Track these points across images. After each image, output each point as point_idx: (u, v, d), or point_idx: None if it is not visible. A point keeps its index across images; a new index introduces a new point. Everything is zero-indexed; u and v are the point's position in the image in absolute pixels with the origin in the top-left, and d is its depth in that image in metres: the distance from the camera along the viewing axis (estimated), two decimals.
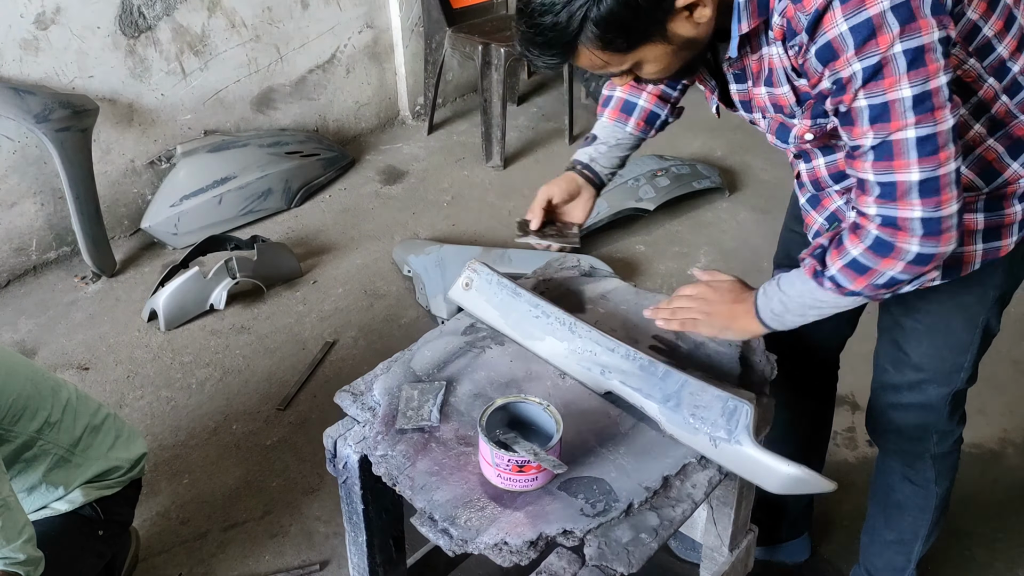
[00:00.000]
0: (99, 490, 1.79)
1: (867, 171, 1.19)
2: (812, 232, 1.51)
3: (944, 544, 2.15)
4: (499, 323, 1.63)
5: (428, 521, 1.30)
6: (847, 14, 1.09)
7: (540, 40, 1.19)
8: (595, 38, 1.17)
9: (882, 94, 1.12)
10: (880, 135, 1.15)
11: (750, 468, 1.37)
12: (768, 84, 1.30)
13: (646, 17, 1.15)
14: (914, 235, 1.19)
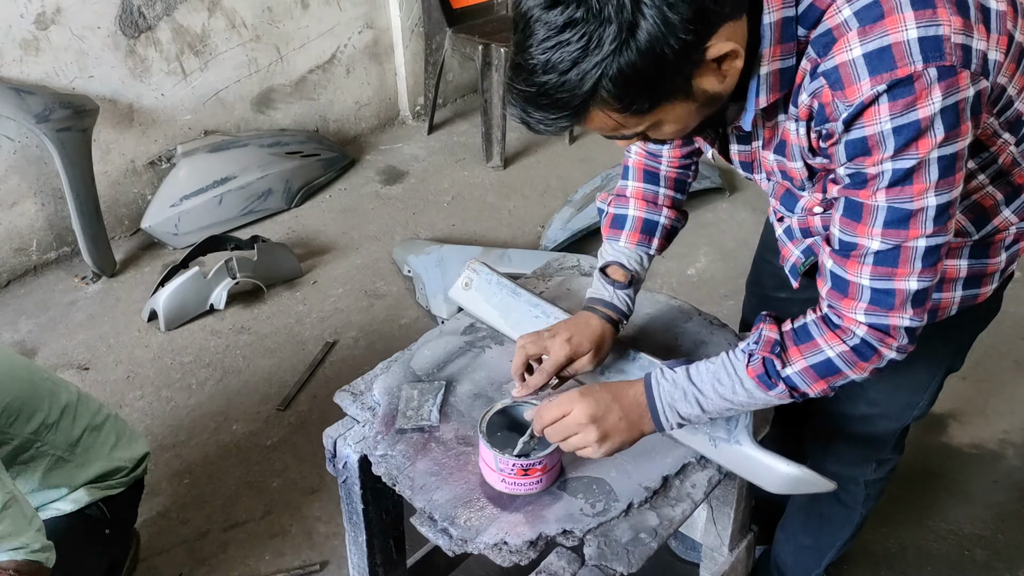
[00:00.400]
0: (103, 490, 1.79)
1: (861, 275, 1.09)
2: (789, 264, 1.40)
3: (944, 544, 2.16)
4: (499, 323, 1.63)
5: (428, 521, 1.30)
6: (894, 114, 0.98)
7: (544, 102, 1.00)
8: (612, 99, 0.98)
9: (909, 200, 1.03)
10: (890, 241, 1.06)
11: (749, 468, 1.37)
12: (779, 153, 1.19)
13: (672, 72, 0.98)
14: (896, 340, 1.13)
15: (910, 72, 0.96)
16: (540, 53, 0.96)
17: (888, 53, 0.96)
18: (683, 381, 1.23)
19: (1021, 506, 2.26)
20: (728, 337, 1.64)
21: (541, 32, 0.95)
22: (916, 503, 2.26)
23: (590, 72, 0.95)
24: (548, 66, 0.96)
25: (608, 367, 1.49)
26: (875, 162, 1.02)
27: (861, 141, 1.01)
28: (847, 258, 1.10)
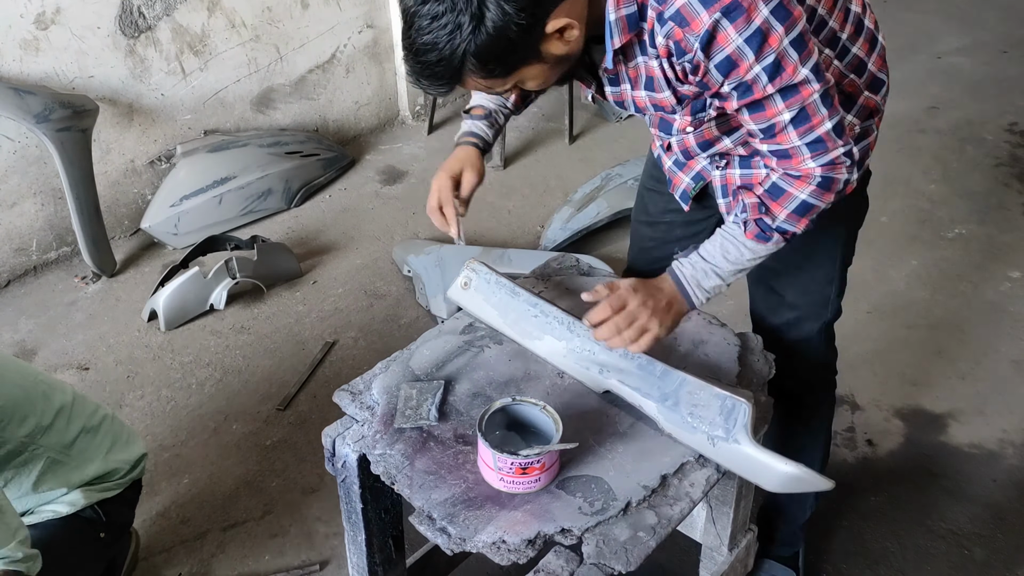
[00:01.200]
0: (99, 492, 1.79)
1: (792, 139, 1.34)
2: (679, 191, 1.67)
3: (944, 544, 2.16)
4: (497, 322, 1.63)
5: (426, 520, 1.30)
6: (739, 30, 1.23)
7: (427, 73, 1.27)
8: (476, 68, 1.25)
9: (790, 79, 1.28)
10: (795, 107, 1.31)
11: (748, 467, 1.37)
12: (649, 89, 1.41)
13: (519, 47, 1.24)
14: (843, 164, 1.38)
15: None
16: (420, 39, 1.23)
17: None
18: (699, 262, 1.47)
19: (1021, 506, 2.26)
20: (727, 336, 1.64)
21: (416, 23, 1.23)
22: (916, 503, 2.26)
23: (456, 51, 1.22)
24: (427, 47, 1.23)
25: (608, 367, 1.49)
26: (746, 69, 1.26)
27: (726, 60, 1.26)
28: (774, 136, 1.35)
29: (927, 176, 3.72)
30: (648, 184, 1.85)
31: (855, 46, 1.48)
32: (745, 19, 1.22)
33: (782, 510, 1.97)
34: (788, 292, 1.71)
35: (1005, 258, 3.20)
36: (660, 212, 1.83)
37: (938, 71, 4.62)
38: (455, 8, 1.19)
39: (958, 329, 2.86)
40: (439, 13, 1.20)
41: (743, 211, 1.44)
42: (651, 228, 1.87)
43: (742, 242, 1.45)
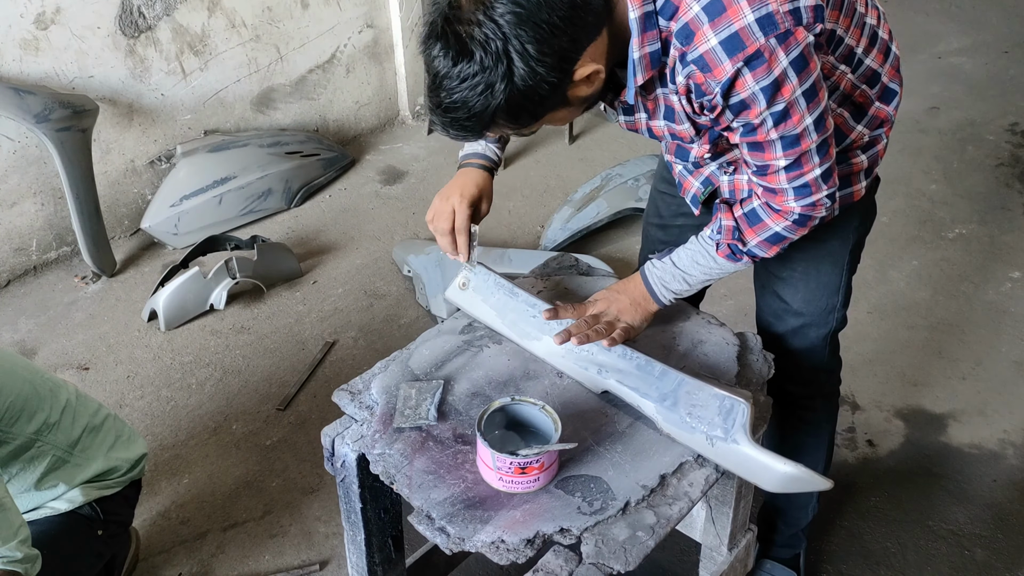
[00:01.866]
0: (99, 490, 1.79)
1: (781, 183, 1.39)
2: (690, 195, 1.70)
3: (944, 544, 2.15)
4: (496, 323, 1.63)
5: (425, 519, 1.30)
6: (757, 78, 1.25)
7: (456, 128, 1.29)
8: (506, 121, 1.28)
9: (793, 128, 1.31)
10: (792, 156, 1.35)
11: (747, 467, 1.37)
12: (668, 119, 1.45)
13: (550, 98, 1.26)
14: (824, 206, 1.43)
15: (757, 47, 1.23)
16: (448, 98, 1.24)
17: (737, 37, 1.23)
18: (670, 267, 1.55)
19: (1021, 506, 2.26)
20: (726, 335, 1.64)
21: (447, 84, 1.24)
22: (916, 503, 2.26)
23: (488, 109, 1.24)
24: (455, 107, 1.25)
25: (606, 367, 1.49)
26: (756, 114, 1.30)
27: (740, 103, 1.29)
28: (765, 175, 1.40)
29: (928, 176, 3.71)
30: (660, 187, 1.87)
31: (869, 57, 1.49)
32: (765, 69, 1.24)
33: (783, 514, 1.97)
34: (795, 300, 1.72)
35: (1006, 258, 3.20)
36: (672, 215, 1.84)
37: (939, 71, 4.61)
38: (485, 69, 1.20)
39: (959, 329, 2.86)
40: (470, 74, 1.21)
41: (718, 231, 1.50)
42: (663, 231, 1.88)
43: (712, 256, 1.51)
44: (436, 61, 1.24)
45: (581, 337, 1.50)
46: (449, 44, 1.22)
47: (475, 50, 1.20)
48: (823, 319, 1.74)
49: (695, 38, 1.25)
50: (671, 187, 1.79)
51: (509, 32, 1.19)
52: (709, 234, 1.52)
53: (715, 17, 1.23)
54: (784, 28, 1.23)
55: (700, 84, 1.29)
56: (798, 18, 1.24)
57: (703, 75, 1.27)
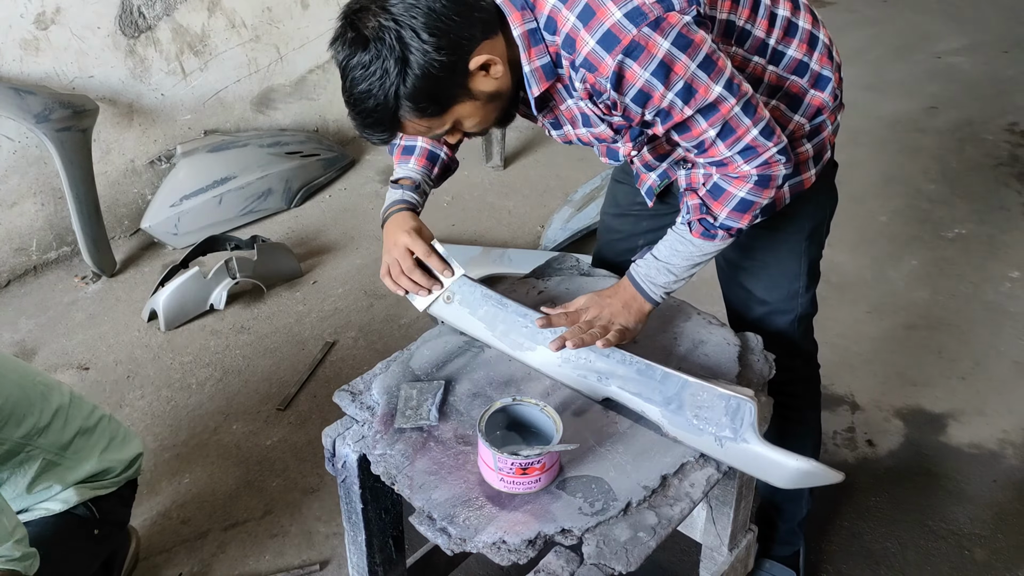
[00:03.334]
0: (93, 490, 1.78)
1: (723, 151, 1.41)
2: (645, 187, 1.73)
3: (944, 544, 2.16)
4: (486, 335, 1.60)
5: (426, 520, 1.30)
6: (644, 65, 1.31)
7: (368, 122, 1.35)
8: (411, 110, 1.32)
9: (704, 100, 1.35)
10: (718, 123, 1.38)
11: (758, 465, 1.37)
12: (587, 125, 1.50)
13: (448, 83, 1.32)
14: (779, 162, 1.43)
15: (631, 38, 1.29)
16: (355, 90, 1.32)
17: (611, 34, 1.30)
18: (652, 261, 1.55)
19: (1021, 506, 2.26)
20: (727, 336, 1.64)
21: (351, 75, 1.31)
22: (916, 503, 2.26)
23: (389, 95, 1.30)
24: (362, 97, 1.32)
25: (605, 374, 1.49)
26: (660, 98, 1.34)
27: (639, 94, 1.34)
28: (705, 150, 1.43)
29: (927, 176, 3.72)
30: (618, 177, 1.93)
31: (791, 48, 1.52)
32: (647, 55, 1.30)
33: (779, 508, 1.97)
34: (757, 288, 1.76)
35: (1005, 258, 3.20)
36: (629, 204, 1.88)
37: (938, 71, 4.62)
38: (380, 55, 1.28)
39: (958, 329, 2.86)
40: (367, 62, 1.29)
41: (687, 212, 1.52)
42: (619, 220, 1.92)
43: (690, 240, 1.52)
44: (339, 55, 1.32)
45: (576, 340, 1.48)
46: (348, 39, 1.30)
47: (370, 38, 1.28)
48: (787, 305, 1.77)
49: (576, 44, 1.33)
50: (628, 177, 1.84)
51: (402, 20, 1.27)
52: (680, 219, 1.54)
53: (588, 21, 1.31)
54: (654, 16, 1.29)
55: (594, 84, 1.35)
56: (668, 6, 1.31)
57: (592, 75, 1.34)
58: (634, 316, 1.55)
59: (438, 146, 1.74)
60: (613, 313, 1.55)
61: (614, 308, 1.55)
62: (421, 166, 1.72)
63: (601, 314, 1.54)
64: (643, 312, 1.56)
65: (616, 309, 1.55)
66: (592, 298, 1.58)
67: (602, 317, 1.54)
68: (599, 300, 1.57)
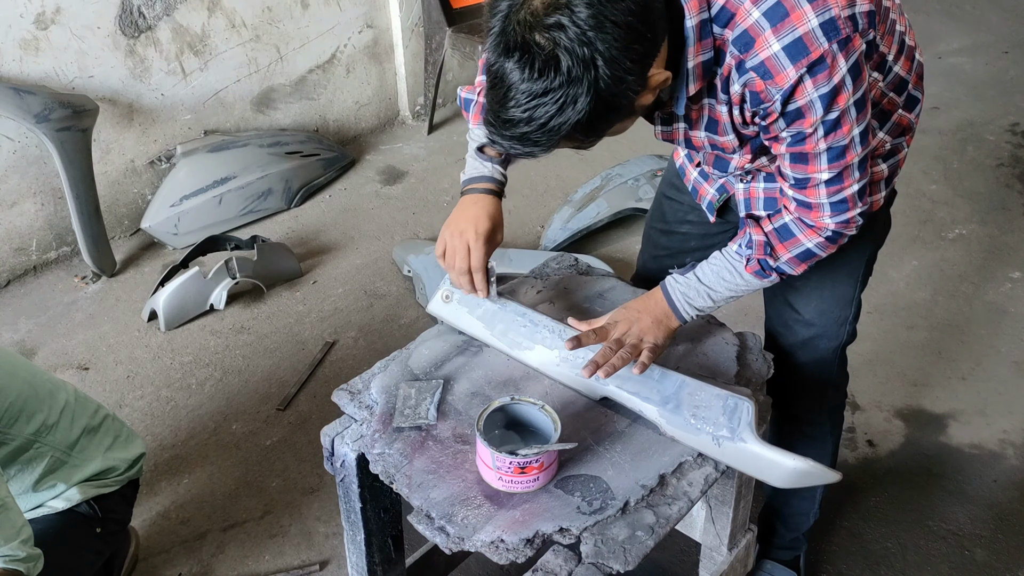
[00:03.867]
0: (96, 488, 1.79)
1: (819, 197, 1.36)
2: (705, 202, 1.67)
3: (944, 544, 2.15)
4: (484, 334, 1.60)
5: (425, 519, 1.30)
6: (817, 85, 1.22)
7: (523, 143, 1.21)
8: (580, 135, 1.20)
9: (843, 139, 1.29)
10: (835, 170, 1.32)
11: (755, 465, 1.37)
12: (710, 131, 1.40)
13: (625, 108, 1.21)
14: (855, 224, 1.40)
15: (821, 53, 1.20)
16: (522, 112, 1.15)
17: (801, 43, 1.20)
18: (694, 282, 1.49)
19: (1021, 506, 2.25)
20: (725, 335, 1.64)
21: (515, 96, 1.14)
22: (916, 503, 2.26)
23: (565, 124, 1.15)
24: (529, 121, 1.16)
25: None
26: (811, 124, 1.26)
27: (796, 111, 1.26)
28: (804, 188, 1.36)
29: (928, 176, 3.71)
30: (667, 192, 1.82)
31: (897, 65, 1.45)
32: (826, 75, 1.21)
33: (784, 518, 1.96)
34: (807, 309, 1.68)
35: (1006, 259, 3.20)
36: (678, 221, 1.81)
37: (939, 71, 4.61)
38: (572, 80, 1.11)
39: (959, 330, 2.86)
40: (542, 90, 1.13)
41: (748, 246, 1.45)
42: (666, 237, 1.84)
43: (739, 272, 1.46)
44: (512, 74, 1.13)
45: (608, 368, 1.40)
46: (530, 54, 1.11)
47: (561, 58, 1.10)
48: (835, 331, 1.69)
49: (755, 44, 1.21)
50: (679, 193, 1.76)
51: (594, 36, 1.10)
52: (736, 249, 1.46)
53: (778, 22, 1.19)
54: (845, 34, 1.20)
55: (759, 92, 1.25)
56: (855, 24, 1.22)
57: (764, 82, 1.23)
58: (663, 333, 1.49)
59: None
60: (643, 329, 1.47)
61: (644, 324, 1.47)
62: None
63: (631, 330, 1.46)
64: (671, 329, 1.50)
65: (646, 325, 1.47)
66: (621, 312, 1.51)
67: (632, 334, 1.46)
68: (628, 314, 1.49)
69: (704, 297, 1.48)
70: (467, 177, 1.63)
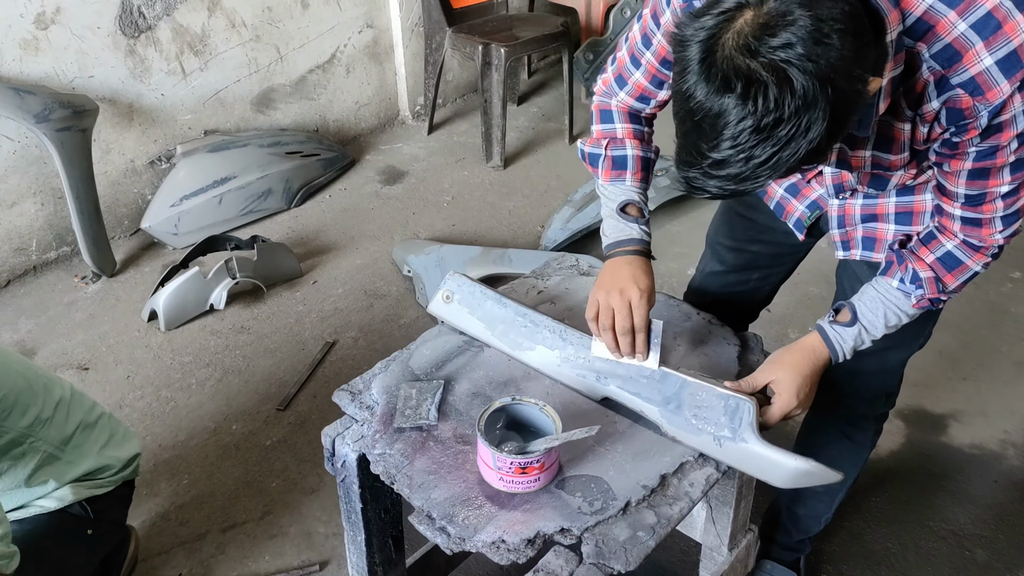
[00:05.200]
0: (89, 489, 1.78)
1: (996, 211, 1.29)
2: (793, 219, 1.59)
3: (944, 544, 2.15)
4: (485, 334, 1.60)
5: (426, 519, 1.30)
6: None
7: (729, 180, 1.08)
8: (803, 164, 1.08)
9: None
10: (1016, 181, 1.26)
11: (757, 465, 1.37)
12: (880, 150, 1.31)
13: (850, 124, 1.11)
14: (1016, 236, 1.34)
15: None
16: (737, 151, 1.03)
17: (1016, 56, 1.12)
18: (862, 333, 1.42)
19: (1021, 506, 2.25)
20: (727, 335, 1.64)
21: (744, 131, 1.01)
22: (916, 503, 2.26)
23: (789, 159, 1.03)
24: (744, 157, 1.03)
25: (604, 373, 1.48)
26: (1008, 137, 1.19)
27: (996, 127, 1.18)
28: (980, 204, 1.29)
29: None
30: (738, 209, 1.75)
31: None
32: None
33: (796, 519, 1.94)
34: None
35: (1006, 258, 3.17)
36: (748, 240, 1.76)
37: None
38: (807, 105, 0.99)
39: (959, 329, 2.86)
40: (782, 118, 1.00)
41: (915, 284, 1.37)
42: (734, 254, 1.79)
43: (904, 311, 1.40)
44: (734, 109, 1.00)
45: None
46: (760, 82, 0.99)
47: (795, 80, 0.98)
48: (909, 343, 1.64)
49: (964, 59, 1.13)
50: (753, 211, 1.69)
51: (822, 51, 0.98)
52: (898, 286, 1.39)
53: (989, 35, 1.12)
54: None
55: (964, 109, 1.17)
56: None
57: (972, 99, 1.15)
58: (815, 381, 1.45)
59: (648, 147, 1.55)
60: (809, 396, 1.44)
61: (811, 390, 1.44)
62: (639, 180, 1.53)
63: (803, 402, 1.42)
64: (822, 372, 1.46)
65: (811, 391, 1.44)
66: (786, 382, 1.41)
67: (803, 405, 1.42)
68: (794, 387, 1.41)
69: (864, 341, 1.43)
70: (613, 240, 1.52)
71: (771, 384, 1.42)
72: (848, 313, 1.42)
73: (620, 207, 1.52)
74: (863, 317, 1.41)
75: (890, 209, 1.50)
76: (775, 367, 1.43)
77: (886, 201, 1.49)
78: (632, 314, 1.43)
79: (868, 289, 1.42)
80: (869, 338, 1.42)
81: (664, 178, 3.40)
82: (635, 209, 1.52)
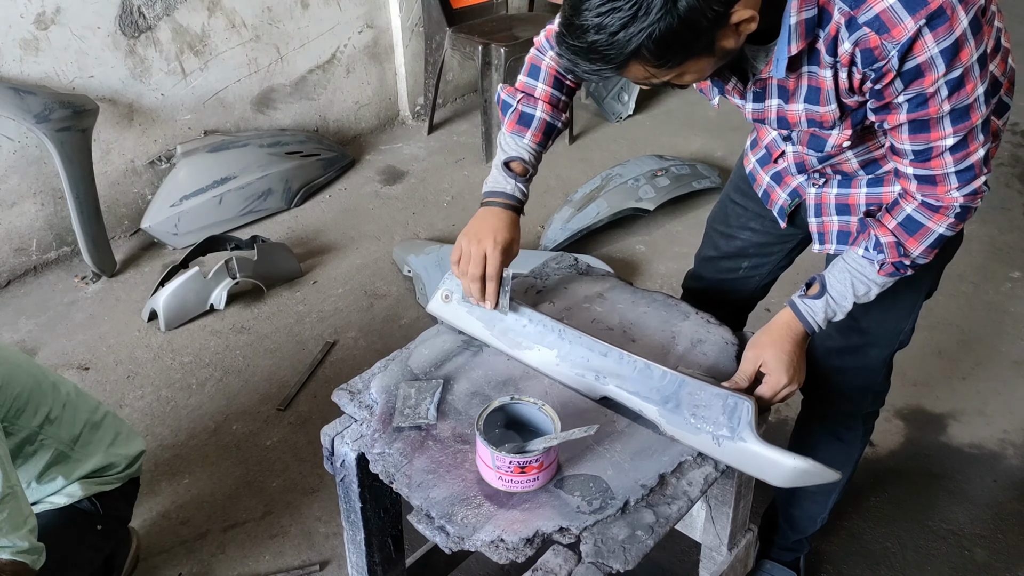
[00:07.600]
0: (98, 485, 1.80)
1: (946, 166, 1.30)
2: (776, 207, 1.65)
3: (944, 544, 2.15)
4: (483, 334, 1.60)
5: (425, 518, 1.30)
6: (938, 39, 1.17)
7: (592, 56, 1.16)
8: (650, 56, 1.14)
9: (966, 99, 1.23)
10: (961, 133, 1.26)
11: (755, 464, 1.37)
12: (810, 102, 1.33)
13: (704, 36, 1.15)
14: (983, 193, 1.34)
15: (940, 4, 1.15)
16: (594, 16, 1.12)
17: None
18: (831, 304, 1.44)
19: (1021, 506, 2.25)
20: (725, 335, 1.64)
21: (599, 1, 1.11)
22: (916, 503, 2.26)
23: (636, 35, 1.11)
24: (600, 27, 1.12)
25: (604, 372, 1.48)
26: (931, 82, 1.20)
27: (914, 70, 1.19)
28: (928, 159, 1.30)
29: None
30: (734, 196, 1.80)
31: (993, 63, 1.36)
32: (947, 28, 1.16)
33: (793, 520, 1.95)
34: (864, 318, 1.61)
35: (1006, 258, 3.20)
36: (739, 227, 1.80)
37: None
38: None
39: (959, 329, 2.86)
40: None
41: (877, 249, 1.40)
42: (726, 240, 1.84)
43: (872, 279, 1.42)
44: None
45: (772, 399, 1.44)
46: None
47: None
48: (886, 340, 1.66)
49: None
50: (745, 198, 1.75)
51: None
52: (863, 254, 1.41)
53: None
54: None
55: (873, 48, 1.19)
56: None
57: (878, 37, 1.18)
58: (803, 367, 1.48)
59: (557, 115, 1.61)
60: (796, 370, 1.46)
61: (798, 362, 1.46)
62: (536, 142, 1.59)
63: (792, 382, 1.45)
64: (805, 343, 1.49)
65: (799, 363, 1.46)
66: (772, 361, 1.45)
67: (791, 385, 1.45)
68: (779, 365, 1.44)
69: (840, 313, 1.46)
70: (489, 189, 1.60)
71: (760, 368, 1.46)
72: (818, 286, 1.45)
73: (506, 161, 1.59)
74: (831, 288, 1.44)
75: (861, 200, 1.54)
76: (757, 350, 1.46)
77: (858, 192, 1.53)
78: (485, 263, 1.53)
79: (838, 261, 1.45)
80: (840, 309, 1.44)
81: (664, 178, 3.41)
82: (520, 166, 1.59)
